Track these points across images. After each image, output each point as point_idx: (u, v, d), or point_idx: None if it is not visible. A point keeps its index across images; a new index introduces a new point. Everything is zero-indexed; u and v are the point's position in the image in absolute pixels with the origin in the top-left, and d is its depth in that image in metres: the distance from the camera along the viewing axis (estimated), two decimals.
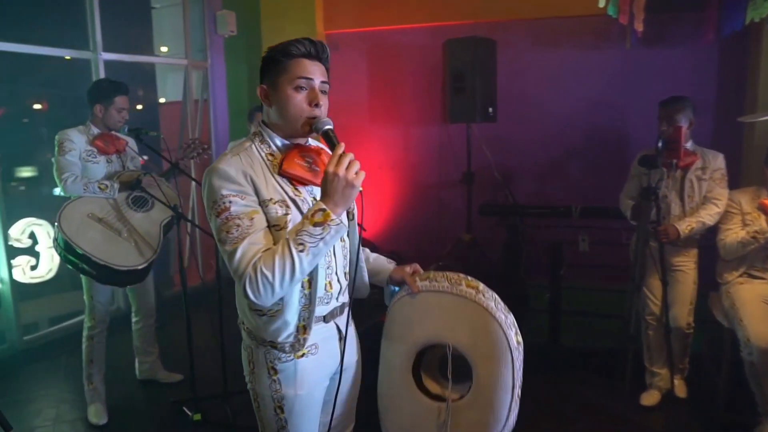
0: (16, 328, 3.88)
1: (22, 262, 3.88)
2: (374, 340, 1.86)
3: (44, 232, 3.91)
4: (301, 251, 1.37)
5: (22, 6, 4.34)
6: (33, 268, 3.93)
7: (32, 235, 3.90)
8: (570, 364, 3.62)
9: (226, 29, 5.20)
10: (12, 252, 3.84)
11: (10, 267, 3.80)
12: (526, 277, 4.30)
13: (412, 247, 5.10)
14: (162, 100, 5.97)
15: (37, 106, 6.54)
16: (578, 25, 4.53)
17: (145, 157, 3.99)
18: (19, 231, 3.84)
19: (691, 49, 4.41)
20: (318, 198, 1.46)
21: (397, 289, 1.79)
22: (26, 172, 5.31)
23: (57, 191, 2.98)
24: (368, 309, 2.23)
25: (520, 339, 1.64)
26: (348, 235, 1.70)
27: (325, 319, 1.61)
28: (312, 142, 1.65)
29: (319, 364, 1.61)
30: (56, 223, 2.78)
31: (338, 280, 1.62)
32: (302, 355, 1.58)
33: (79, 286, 3.15)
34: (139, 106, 6.50)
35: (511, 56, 4.62)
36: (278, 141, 1.56)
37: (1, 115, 6.09)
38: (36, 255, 3.95)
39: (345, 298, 1.69)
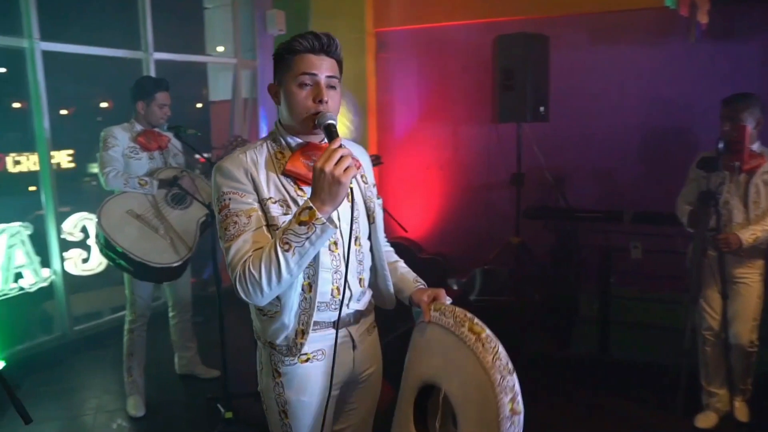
0: (68, 319, 4.02)
1: (74, 254, 4.01)
2: (399, 353, 1.77)
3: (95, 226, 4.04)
4: (287, 251, 1.33)
5: (78, 8, 4.51)
6: (84, 261, 4.06)
7: (84, 229, 4.03)
8: (618, 377, 3.42)
9: (275, 28, 5.23)
10: (65, 245, 3.98)
11: (62, 259, 3.95)
12: (576, 284, 4.11)
13: (459, 249, 4.99)
14: (218, 99, 6.08)
15: (103, 105, 6.83)
16: (637, 18, 4.26)
17: (207, 155, 4.06)
18: (72, 225, 3.97)
19: (762, 42, 4.06)
20: None
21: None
22: (96, 168, 5.55)
23: None
24: (392, 320, 2.13)
25: (519, 408, 1.31)
26: (370, 239, 1.64)
27: (335, 325, 1.55)
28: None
29: (327, 371, 1.55)
30: (96, 220, 2.84)
31: (349, 287, 1.56)
32: (307, 360, 1.54)
33: None
34: (199, 105, 6.66)
35: (564, 53, 4.41)
36: (290, 139, 1.53)
37: (71, 114, 6.39)
38: (87, 248, 4.08)
39: (360, 305, 1.63)
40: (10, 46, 3.70)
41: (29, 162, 4.08)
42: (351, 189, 1.36)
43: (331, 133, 1.39)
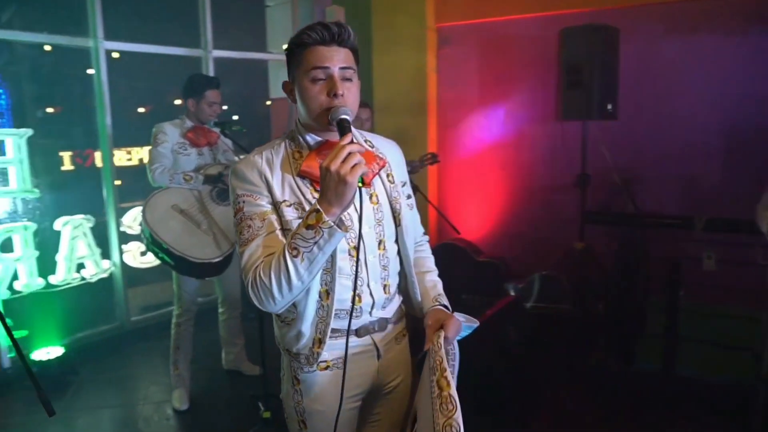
0: (125, 310, 4.15)
1: (133, 247, 4.14)
2: None
3: None
4: (296, 257, 1.25)
5: (140, 7, 4.66)
6: (142, 254, 4.17)
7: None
8: (685, 398, 3.14)
9: None
10: (124, 238, 4.11)
11: (121, 252, 4.08)
12: (642, 295, 3.82)
13: (519, 252, 4.78)
14: (278, 96, 6.14)
15: (177, 102, 7.07)
16: (718, 7, 3.88)
17: None
18: (131, 218, 4.09)
19: None
20: None
21: None
22: None
23: None
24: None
25: None
26: (397, 242, 1.54)
27: (358, 333, 1.48)
28: (360, 136, 1.53)
29: (347, 380, 1.46)
30: (142, 214, 2.88)
31: (371, 294, 1.47)
32: (326, 368, 1.47)
33: None
34: (268, 102, 6.76)
35: (636, 45, 4.11)
36: (308, 138, 1.45)
37: (148, 112, 6.64)
38: None
39: (386, 313, 1.53)
40: (78, 45, 3.86)
41: (115, 157, 4.30)
42: (359, 188, 1.24)
43: (343, 128, 1.30)
